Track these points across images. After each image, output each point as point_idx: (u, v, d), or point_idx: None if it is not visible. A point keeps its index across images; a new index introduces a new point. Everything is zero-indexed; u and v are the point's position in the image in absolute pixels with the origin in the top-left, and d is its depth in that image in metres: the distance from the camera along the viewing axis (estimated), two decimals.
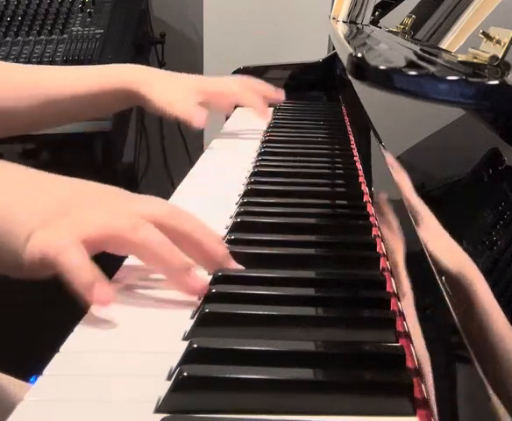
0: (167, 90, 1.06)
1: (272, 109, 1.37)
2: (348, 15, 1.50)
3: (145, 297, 0.57)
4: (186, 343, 0.47)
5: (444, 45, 0.74)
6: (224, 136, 1.20)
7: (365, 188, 0.84)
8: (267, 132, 1.17)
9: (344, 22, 1.51)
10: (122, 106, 1.11)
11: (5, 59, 1.92)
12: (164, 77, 1.10)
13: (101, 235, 0.54)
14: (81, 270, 0.51)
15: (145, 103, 1.05)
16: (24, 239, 0.53)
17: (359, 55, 0.48)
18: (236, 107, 1.48)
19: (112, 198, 0.58)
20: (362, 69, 0.47)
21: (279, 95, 1.22)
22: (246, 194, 0.81)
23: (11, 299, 1.58)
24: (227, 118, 1.38)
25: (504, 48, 0.51)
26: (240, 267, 0.58)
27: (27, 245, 0.52)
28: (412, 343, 0.47)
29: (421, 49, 0.74)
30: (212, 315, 0.51)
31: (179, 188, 0.90)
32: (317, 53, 1.71)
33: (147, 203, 0.58)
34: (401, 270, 0.53)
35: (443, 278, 0.39)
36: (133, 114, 2.05)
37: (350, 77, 0.73)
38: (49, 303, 1.62)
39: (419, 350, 0.45)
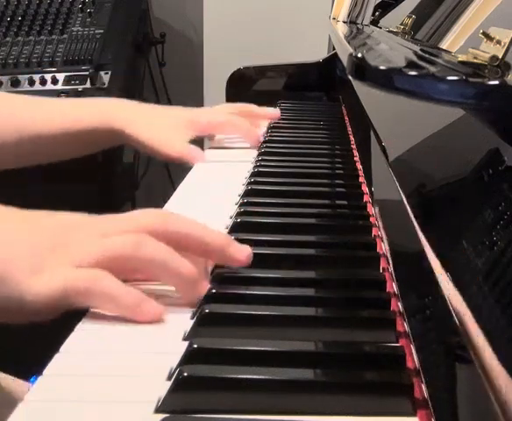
0: (156, 129, 0.99)
1: (272, 109, 1.37)
2: (348, 15, 1.50)
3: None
4: (186, 343, 0.47)
5: (444, 45, 0.74)
6: (224, 136, 1.19)
7: (365, 188, 0.84)
8: (267, 132, 1.16)
9: (344, 22, 1.51)
10: (105, 146, 1.02)
11: (5, 59, 1.92)
12: (151, 113, 1.03)
13: (104, 259, 0.52)
14: (122, 294, 0.51)
15: (134, 144, 0.98)
16: (27, 282, 0.50)
17: (359, 55, 0.48)
18: None
19: (103, 222, 0.56)
20: (362, 69, 0.47)
21: (275, 114, 1.20)
22: (246, 194, 0.81)
23: None
24: None
25: (504, 48, 0.51)
26: (246, 247, 0.57)
27: (37, 288, 0.50)
28: (412, 343, 0.47)
29: (421, 49, 0.74)
30: (212, 315, 0.51)
31: (179, 188, 0.90)
32: (317, 53, 1.71)
33: (140, 216, 0.56)
34: None
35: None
36: None
37: (350, 77, 0.73)
38: None
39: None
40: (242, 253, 0.57)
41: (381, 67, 0.45)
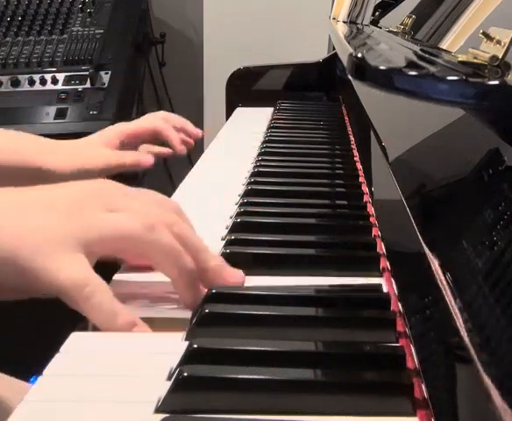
0: (74, 152, 0.91)
1: (272, 109, 1.37)
2: (348, 15, 1.50)
3: (145, 298, 0.57)
4: (186, 343, 0.47)
5: (444, 45, 0.74)
6: (224, 136, 1.20)
7: (365, 188, 0.84)
8: (267, 132, 1.17)
9: (344, 22, 1.51)
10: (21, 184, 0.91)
11: (5, 59, 1.92)
12: (68, 142, 0.95)
13: (116, 237, 0.52)
14: (122, 311, 0.51)
15: (52, 177, 0.87)
16: (37, 259, 0.50)
17: (360, 55, 0.48)
18: (236, 107, 1.48)
19: (115, 195, 0.56)
20: (362, 69, 0.47)
21: (198, 132, 1.08)
22: (246, 194, 0.81)
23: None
24: (227, 119, 1.38)
25: (504, 48, 0.51)
26: (238, 273, 0.57)
27: (48, 271, 0.50)
28: (412, 343, 0.47)
29: (421, 49, 0.74)
30: (212, 315, 0.51)
31: (179, 188, 0.90)
32: (317, 53, 1.71)
33: (152, 204, 0.56)
34: None
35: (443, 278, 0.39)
36: (133, 113, 2.05)
37: (350, 77, 0.73)
38: (50, 303, 1.62)
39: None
40: (236, 276, 0.57)
41: (381, 67, 0.45)
